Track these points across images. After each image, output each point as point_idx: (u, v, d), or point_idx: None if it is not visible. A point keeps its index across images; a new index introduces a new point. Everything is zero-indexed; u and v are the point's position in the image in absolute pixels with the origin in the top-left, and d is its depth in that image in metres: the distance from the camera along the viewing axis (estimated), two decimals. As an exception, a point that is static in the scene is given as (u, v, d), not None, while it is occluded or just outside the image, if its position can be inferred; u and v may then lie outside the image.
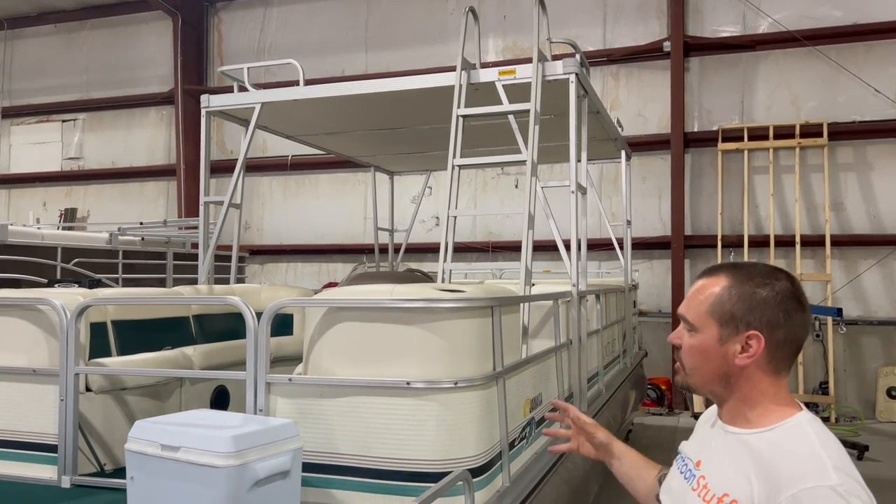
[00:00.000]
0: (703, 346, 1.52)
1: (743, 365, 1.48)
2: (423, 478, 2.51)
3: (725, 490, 1.42)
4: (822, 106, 9.91)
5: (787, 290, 1.48)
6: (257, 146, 12.23)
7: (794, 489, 1.31)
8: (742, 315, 1.48)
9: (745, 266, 1.55)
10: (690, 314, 1.55)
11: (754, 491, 1.37)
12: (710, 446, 1.56)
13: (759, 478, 1.38)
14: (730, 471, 1.45)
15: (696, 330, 1.54)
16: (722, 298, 1.50)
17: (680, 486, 1.58)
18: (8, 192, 14.41)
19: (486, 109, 4.31)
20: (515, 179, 11.25)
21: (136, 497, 2.45)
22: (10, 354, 3.21)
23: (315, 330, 2.79)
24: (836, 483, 1.30)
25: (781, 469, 1.36)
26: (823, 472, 1.33)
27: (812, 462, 1.35)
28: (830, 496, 1.29)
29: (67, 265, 7.42)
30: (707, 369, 1.53)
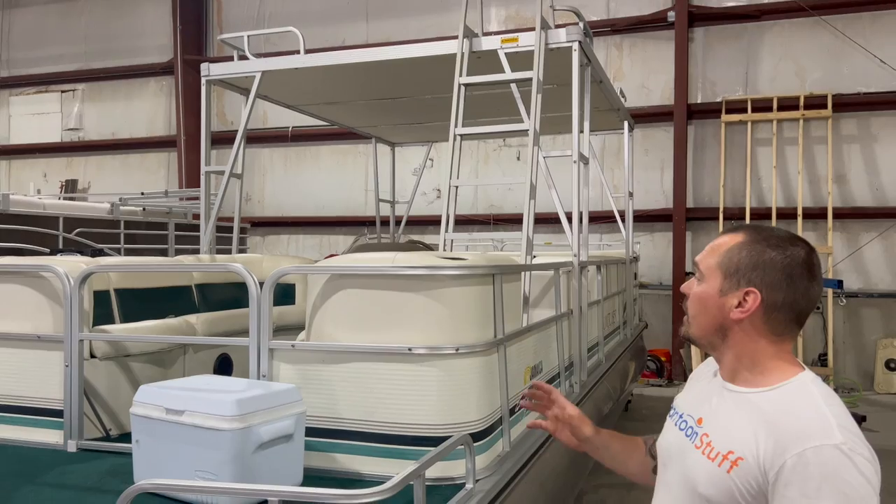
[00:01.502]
0: (705, 295, 1.56)
1: (737, 319, 1.51)
2: (425, 442, 2.54)
3: (731, 448, 1.44)
4: (827, 77, 9.83)
5: (799, 258, 1.49)
6: (258, 117, 12.17)
7: (799, 448, 1.34)
8: (745, 271, 1.51)
9: (766, 228, 1.57)
10: (703, 263, 1.59)
11: (760, 449, 1.39)
12: (710, 403, 1.57)
13: (765, 437, 1.40)
14: (734, 429, 1.46)
15: (703, 279, 1.58)
16: (732, 252, 1.53)
17: (680, 443, 1.60)
18: (8, 164, 14.38)
19: (488, 78, 4.28)
20: (517, 152, 11.20)
21: (142, 460, 2.49)
22: (15, 321, 3.23)
23: (317, 297, 2.81)
24: (841, 441, 1.33)
25: (787, 428, 1.38)
26: (828, 431, 1.35)
27: (817, 421, 1.37)
28: (835, 454, 1.32)
29: (69, 235, 7.43)
30: (705, 319, 1.56)
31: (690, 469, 1.52)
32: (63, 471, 2.79)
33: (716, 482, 1.44)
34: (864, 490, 1.31)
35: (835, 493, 1.30)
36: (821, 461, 1.32)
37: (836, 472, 1.31)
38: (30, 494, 2.52)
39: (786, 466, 1.34)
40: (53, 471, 2.79)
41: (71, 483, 2.66)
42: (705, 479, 1.46)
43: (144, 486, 1.96)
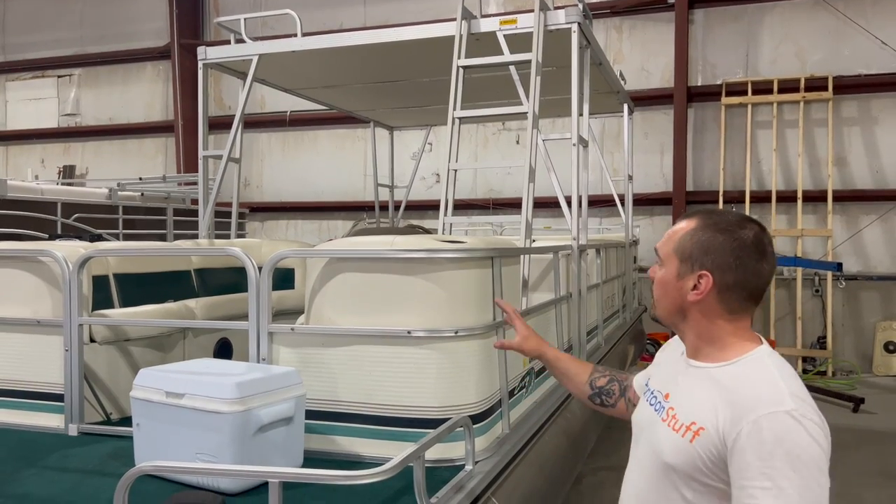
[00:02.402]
0: (665, 280, 1.67)
1: (694, 301, 1.61)
2: (424, 424, 2.55)
3: (693, 419, 1.54)
4: (828, 59, 9.78)
5: (748, 239, 1.58)
6: (255, 102, 12.11)
7: (754, 415, 1.43)
8: (698, 255, 1.61)
9: (717, 213, 1.66)
10: (661, 250, 1.70)
11: (719, 419, 1.49)
12: (676, 380, 1.68)
13: (723, 406, 1.49)
14: (696, 402, 1.56)
15: (662, 264, 1.69)
16: (685, 238, 1.64)
17: (650, 417, 1.70)
18: (6, 150, 14.33)
19: (486, 60, 4.25)
20: (516, 135, 11.16)
21: (143, 443, 2.50)
22: (15, 306, 3.23)
23: (317, 280, 2.81)
24: (792, 408, 1.43)
25: (743, 397, 1.48)
26: (781, 399, 1.45)
27: (770, 390, 1.47)
28: (787, 420, 1.42)
29: (68, 220, 7.42)
30: (667, 301, 1.68)
31: (658, 441, 1.62)
32: (64, 454, 2.80)
33: (680, 452, 1.54)
34: (814, 451, 1.41)
35: (786, 455, 1.39)
36: (773, 426, 1.41)
37: (788, 435, 1.40)
38: (32, 478, 2.53)
39: (742, 433, 1.43)
40: (55, 454, 2.80)
41: (72, 466, 2.67)
42: (670, 449, 1.56)
43: (145, 469, 1.97)
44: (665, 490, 1.59)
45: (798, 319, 9.60)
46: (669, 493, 1.58)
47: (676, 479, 1.56)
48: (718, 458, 1.48)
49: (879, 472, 5.80)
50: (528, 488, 2.91)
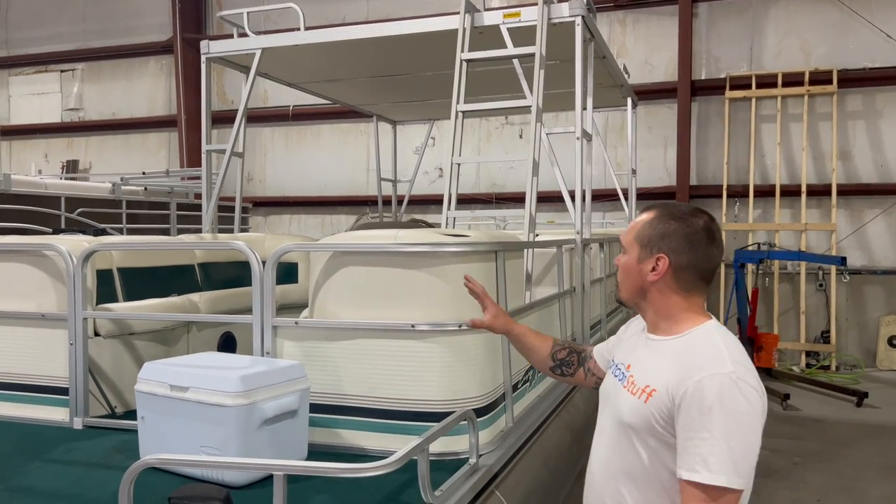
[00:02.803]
0: (628, 265, 1.89)
1: (652, 281, 1.83)
2: (428, 418, 2.55)
3: (647, 383, 1.77)
4: (833, 52, 9.73)
5: (699, 226, 1.81)
6: (258, 96, 12.10)
7: (697, 376, 1.65)
8: (655, 241, 1.83)
9: (672, 204, 1.90)
10: (623, 239, 1.92)
11: (669, 381, 1.70)
12: (636, 353, 1.90)
13: (673, 371, 1.71)
14: (651, 369, 1.79)
15: (625, 251, 1.90)
16: (644, 227, 1.86)
17: (614, 386, 1.92)
18: (9, 144, 14.34)
19: (490, 53, 4.24)
20: (520, 130, 11.14)
21: (147, 436, 2.51)
22: (19, 300, 3.24)
23: (320, 274, 2.81)
24: (731, 371, 1.64)
25: (689, 362, 1.70)
26: (721, 362, 1.66)
27: (713, 356, 1.69)
28: (725, 381, 1.63)
29: (71, 215, 7.43)
30: (629, 283, 1.89)
31: (618, 405, 1.84)
32: (69, 447, 2.81)
33: (636, 412, 1.76)
34: (747, 410, 1.62)
35: (722, 411, 1.60)
36: (712, 386, 1.62)
37: (725, 394, 1.61)
38: (37, 470, 2.54)
39: (687, 392, 1.65)
40: (60, 447, 2.81)
41: (77, 459, 2.68)
42: (628, 410, 1.78)
43: (150, 462, 1.97)
44: (625, 449, 1.79)
45: (802, 314, 9.59)
46: (628, 451, 1.78)
47: (634, 437, 1.77)
48: (668, 415, 1.69)
49: (883, 466, 5.80)
50: (532, 482, 2.91)
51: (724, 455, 1.58)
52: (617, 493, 1.82)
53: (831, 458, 5.97)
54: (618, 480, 1.82)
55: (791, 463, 5.87)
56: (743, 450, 1.60)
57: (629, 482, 1.79)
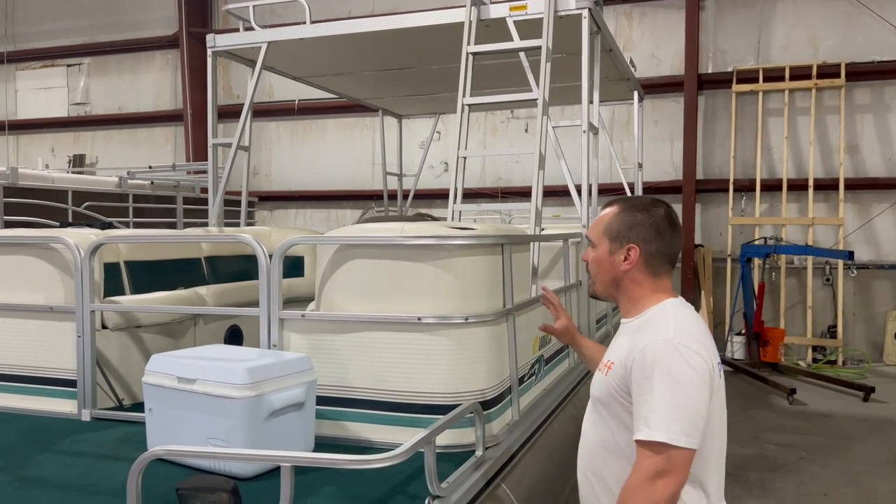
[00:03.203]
0: (599, 258, 1.99)
1: (626, 270, 1.93)
2: (435, 410, 2.56)
3: (609, 358, 1.93)
4: (841, 45, 9.67)
5: (661, 216, 1.94)
6: (264, 90, 12.10)
7: (642, 345, 1.78)
8: (625, 233, 1.93)
9: (633, 198, 2.05)
10: (592, 234, 2.02)
11: (623, 353, 1.84)
12: (611, 342, 2.04)
13: (627, 345, 1.84)
14: (614, 348, 1.94)
15: (594, 246, 2.00)
16: (612, 221, 1.97)
17: (595, 376, 2.05)
18: (16, 138, 14.39)
19: (496, 46, 4.23)
20: (525, 124, 11.12)
21: (155, 428, 2.52)
22: (27, 293, 3.25)
23: (327, 267, 2.81)
24: (672, 337, 1.76)
25: (640, 335, 1.82)
26: (665, 330, 1.79)
27: (659, 326, 1.82)
28: (664, 346, 1.74)
29: (78, 208, 7.45)
30: (603, 276, 1.99)
31: (592, 386, 1.99)
32: (77, 439, 2.82)
33: (600, 385, 1.92)
34: (688, 373, 1.71)
35: (662, 374, 1.71)
36: (653, 351, 1.74)
37: (664, 357, 1.72)
38: (46, 462, 2.56)
39: (634, 360, 1.77)
40: (68, 439, 2.82)
41: (86, 451, 2.69)
42: (596, 385, 1.95)
43: (158, 453, 1.98)
44: (598, 424, 1.94)
45: (808, 308, 9.56)
46: (600, 425, 1.92)
47: (603, 410, 1.91)
48: (624, 385, 1.81)
49: (890, 460, 5.79)
50: (538, 475, 2.91)
51: (662, 412, 1.68)
52: (595, 467, 1.94)
53: (838, 453, 5.96)
54: (595, 454, 1.95)
55: (798, 457, 5.86)
56: (684, 409, 1.69)
57: (604, 453, 1.91)
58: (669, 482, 1.66)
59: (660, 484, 1.66)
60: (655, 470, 1.67)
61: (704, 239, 10.40)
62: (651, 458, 1.68)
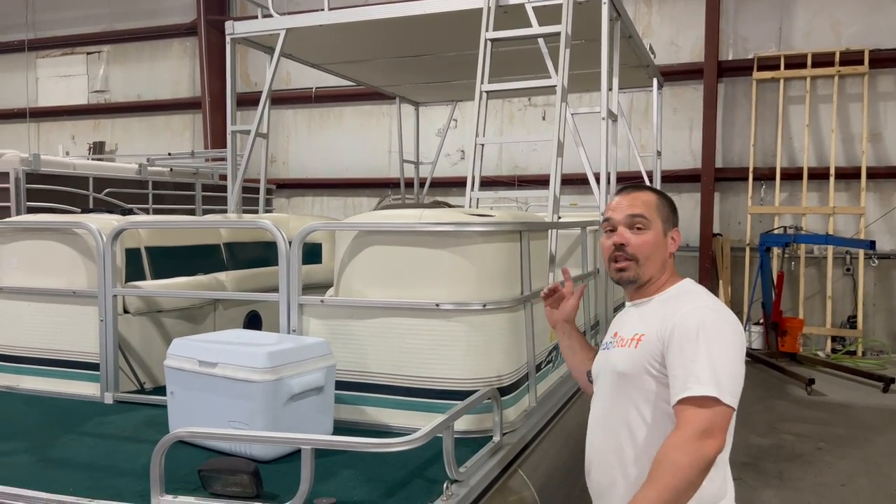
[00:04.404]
0: (656, 239, 2.00)
1: (672, 252, 2.04)
2: (453, 396, 2.57)
3: (635, 331, 1.93)
4: (864, 32, 9.50)
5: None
6: (281, 78, 12.12)
7: (681, 313, 1.84)
8: (669, 216, 2.04)
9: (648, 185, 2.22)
10: (647, 213, 2.00)
11: (656, 325, 1.87)
12: (623, 320, 2.07)
13: (659, 317, 1.88)
14: (637, 322, 1.96)
15: (647, 227, 1.99)
16: (660, 203, 2.04)
17: (604, 356, 2.06)
18: (37, 126, 14.53)
19: (515, 32, 4.20)
20: (543, 111, 11.05)
21: (176, 411, 2.56)
22: (51, 277, 3.31)
23: (346, 253, 2.83)
24: (710, 304, 1.88)
25: (674, 307, 1.89)
26: (701, 299, 1.90)
27: (693, 297, 1.92)
28: (706, 310, 1.84)
29: (99, 195, 7.53)
30: (657, 257, 2.00)
31: (612, 362, 1.97)
32: (100, 421, 2.87)
33: (628, 359, 1.91)
34: (732, 338, 1.80)
35: (710, 335, 1.77)
36: (695, 316, 1.82)
37: (710, 322, 1.80)
38: (70, 443, 2.61)
39: (675, 327, 1.82)
40: (91, 421, 2.87)
41: (109, 433, 2.74)
42: (621, 360, 1.93)
43: (180, 435, 2.01)
44: (622, 400, 1.91)
45: (828, 298, 9.46)
46: (625, 401, 1.91)
47: (629, 385, 1.89)
48: (659, 356, 1.84)
49: (909, 452, 5.74)
50: (554, 461, 2.93)
51: (713, 370, 1.72)
52: (617, 446, 1.92)
53: (857, 443, 5.91)
54: (617, 432, 1.92)
55: (816, 448, 5.83)
56: (729, 370, 1.74)
57: (626, 431, 1.90)
58: (714, 442, 1.69)
59: (706, 442, 1.68)
60: (704, 427, 1.69)
61: (723, 228, 10.32)
62: (700, 414, 1.69)
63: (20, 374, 3.36)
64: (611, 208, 2.06)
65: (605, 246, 2.05)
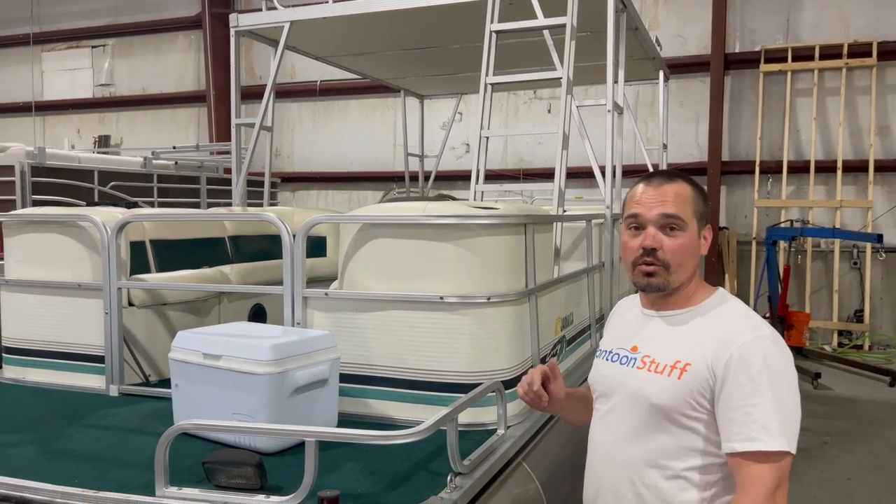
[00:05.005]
0: (692, 242, 1.72)
1: (704, 254, 1.76)
2: (457, 389, 2.57)
3: (677, 358, 1.66)
4: (873, 24, 9.43)
5: None
6: (286, 71, 12.11)
7: (738, 342, 1.60)
8: (703, 211, 1.75)
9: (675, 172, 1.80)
10: (682, 211, 1.70)
11: (706, 352, 1.63)
12: (639, 333, 1.79)
13: (708, 341, 1.64)
14: (675, 343, 1.69)
15: (682, 228, 1.71)
16: (695, 197, 1.74)
17: (618, 372, 1.78)
18: (43, 119, 14.56)
19: (520, 24, 4.18)
20: (548, 104, 11.01)
21: (181, 403, 2.56)
22: (56, 270, 3.31)
23: (350, 246, 2.82)
24: (768, 334, 1.64)
25: (725, 330, 1.64)
26: (757, 326, 1.65)
27: (746, 321, 1.67)
28: (766, 343, 1.61)
29: (104, 188, 7.54)
30: (692, 262, 1.73)
31: (640, 388, 1.70)
32: (105, 414, 2.88)
33: (667, 390, 1.65)
34: (790, 373, 1.62)
35: (771, 375, 1.57)
36: (757, 349, 1.59)
37: (769, 356, 1.59)
38: (75, 435, 2.61)
39: (731, 360, 1.59)
40: (96, 413, 2.88)
41: (114, 425, 2.74)
42: (657, 390, 1.66)
43: (185, 427, 2.02)
44: (652, 433, 1.68)
45: (835, 292, 9.42)
46: (656, 435, 1.67)
47: (664, 419, 1.66)
48: (708, 389, 1.61)
49: (916, 446, 5.71)
50: (558, 455, 2.92)
51: (780, 418, 1.54)
52: (638, 486, 1.69)
53: (863, 438, 5.89)
54: (639, 471, 1.69)
55: (821, 442, 5.81)
56: (794, 412, 1.58)
57: (656, 472, 1.67)
58: (783, 493, 1.55)
59: (779, 497, 1.54)
60: (776, 482, 1.53)
61: (729, 221, 10.27)
62: (772, 469, 1.53)
63: (26, 367, 3.38)
64: (637, 202, 1.73)
65: (630, 247, 1.74)
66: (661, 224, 1.70)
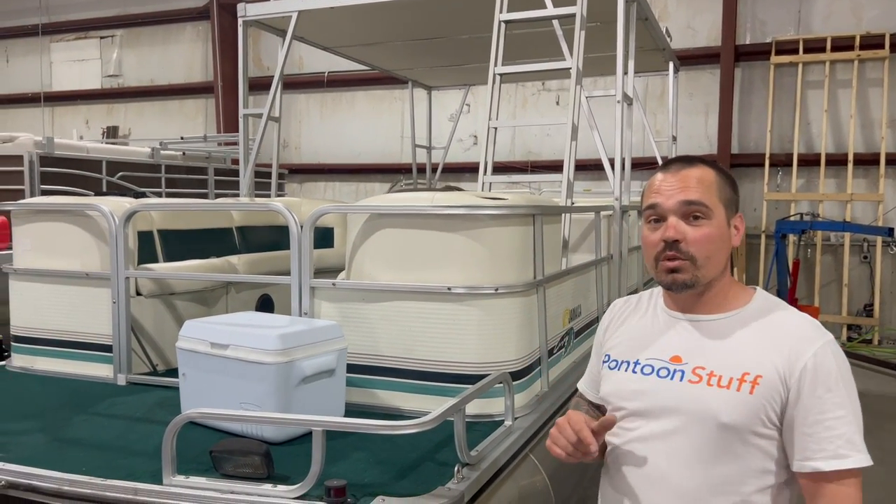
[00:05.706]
0: (721, 231, 1.52)
1: (735, 245, 1.56)
2: (464, 380, 2.55)
3: (744, 370, 1.46)
4: (885, 15, 9.33)
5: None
6: (293, 62, 12.08)
7: (810, 351, 1.45)
8: (733, 198, 1.55)
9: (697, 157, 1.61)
10: (706, 197, 1.51)
11: (776, 361, 1.45)
12: (677, 339, 1.56)
13: (775, 348, 1.47)
14: (735, 352, 1.49)
15: (707, 216, 1.51)
16: (721, 183, 1.54)
17: (658, 387, 1.53)
18: (52, 110, 14.60)
19: (529, 14, 4.14)
20: (556, 96, 10.96)
21: (189, 392, 2.56)
22: (64, 259, 3.31)
23: (357, 236, 2.81)
24: (831, 338, 1.50)
25: (791, 336, 1.47)
26: (819, 330, 1.50)
27: (807, 325, 1.51)
28: (834, 348, 1.48)
29: (112, 178, 7.56)
30: (721, 255, 1.53)
31: (702, 406, 1.47)
32: (113, 402, 2.89)
33: (738, 406, 1.45)
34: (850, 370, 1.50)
35: (845, 383, 1.45)
36: (829, 358, 1.45)
37: (841, 361, 1.47)
38: (84, 423, 2.62)
39: (805, 370, 1.43)
40: (104, 402, 2.89)
41: (122, 413, 2.75)
42: (726, 407, 1.45)
43: (192, 415, 2.02)
44: (719, 458, 1.46)
45: (844, 286, 9.37)
46: (724, 459, 1.46)
47: (730, 440, 1.45)
48: (779, 403, 1.45)
49: (925, 441, 5.68)
50: (566, 446, 2.91)
51: (860, 431, 1.44)
52: None
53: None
54: (703, 497, 1.48)
55: (829, 436, 5.78)
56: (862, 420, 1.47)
57: (720, 496, 1.46)
58: None
59: None
60: (860, 498, 1.43)
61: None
62: (857, 485, 1.43)
63: (35, 356, 3.39)
64: (655, 190, 1.54)
65: (651, 241, 1.54)
66: (682, 213, 1.50)
